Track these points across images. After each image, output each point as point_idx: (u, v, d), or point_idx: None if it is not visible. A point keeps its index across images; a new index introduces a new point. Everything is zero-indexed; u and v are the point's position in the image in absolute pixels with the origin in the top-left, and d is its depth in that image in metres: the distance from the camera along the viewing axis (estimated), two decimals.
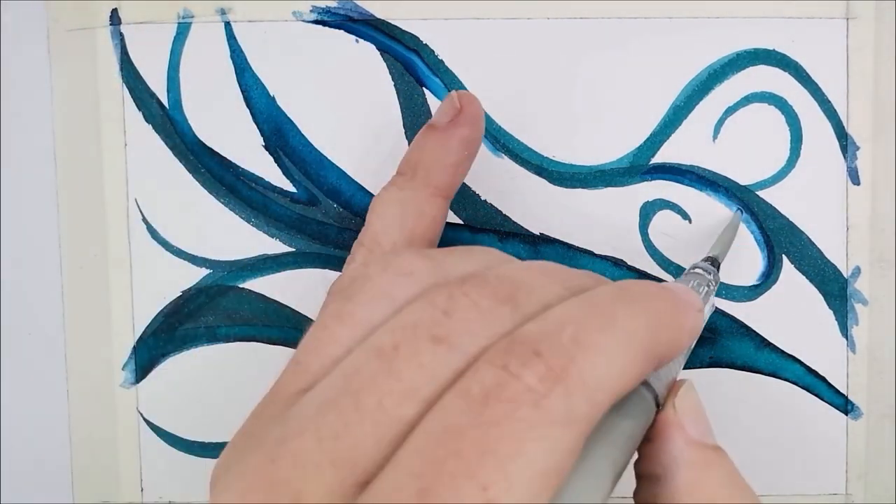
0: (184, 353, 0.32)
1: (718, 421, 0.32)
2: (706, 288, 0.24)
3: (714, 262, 0.27)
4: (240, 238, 0.32)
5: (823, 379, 0.32)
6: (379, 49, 0.31)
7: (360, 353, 0.17)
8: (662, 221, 0.32)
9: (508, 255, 0.22)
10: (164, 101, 0.31)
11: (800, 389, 0.32)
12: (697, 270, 0.26)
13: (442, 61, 0.31)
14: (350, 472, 0.15)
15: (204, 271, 0.32)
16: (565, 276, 0.19)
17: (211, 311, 0.32)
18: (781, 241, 0.31)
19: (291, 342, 0.32)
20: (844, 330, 0.31)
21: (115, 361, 0.32)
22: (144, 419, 0.32)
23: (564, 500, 0.16)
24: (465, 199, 0.31)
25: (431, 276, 0.19)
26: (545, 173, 0.31)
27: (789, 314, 0.31)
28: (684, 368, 0.32)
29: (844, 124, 0.31)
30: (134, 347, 0.32)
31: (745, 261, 0.32)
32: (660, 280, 0.31)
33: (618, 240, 0.31)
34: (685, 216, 0.31)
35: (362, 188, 0.31)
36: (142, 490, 0.32)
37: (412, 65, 0.31)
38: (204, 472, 0.32)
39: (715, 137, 0.31)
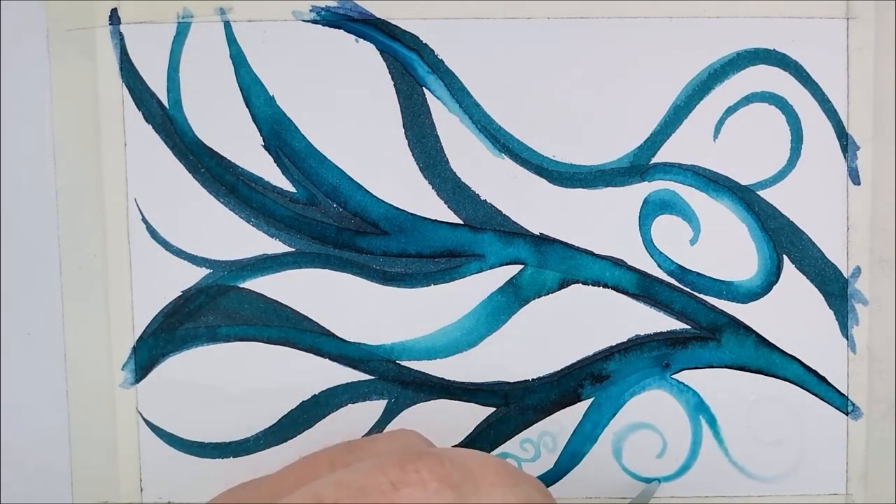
0: (184, 353, 0.32)
1: (719, 421, 0.32)
2: None
3: None
4: (240, 238, 0.32)
5: (823, 379, 0.32)
6: (379, 49, 0.31)
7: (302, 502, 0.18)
8: (663, 222, 0.32)
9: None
10: (164, 100, 0.31)
11: (800, 389, 0.32)
12: None
13: (442, 61, 0.31)
14: None
15: (204, 271, 0.32)
16: (515, 481, 0.19)
17: (211, 310, 0.32)
18: (782, 240, 0.31)
19: (291, 342, 0.32)
20: (845, 330, 0.31)
21: (115, 361, 0.32)
22: (144, 419, 0.32)
23: None
24: (464, 199, 0.31)
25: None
26: (545, 173, 0.31)
27: (790, 314, 0.31)
28: (686, 368, 0.32)
29: (845, 124, 0.31)
30: (134, 347, 0.32)
31: (745, 261, 0.32)
32: (659, 281, 0.31)
33: (618, 240, 0.32)
34: (686, 216, 0.31)
35: (362, 188, 0.31)
36: (141, 490, 0.32)
37: (412, 64, 0.31)
38: (203, 472, 0.32)
39: (715, 137, 0.31)
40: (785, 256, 0.31)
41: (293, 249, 0.32)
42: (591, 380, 0.32)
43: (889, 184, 0.31)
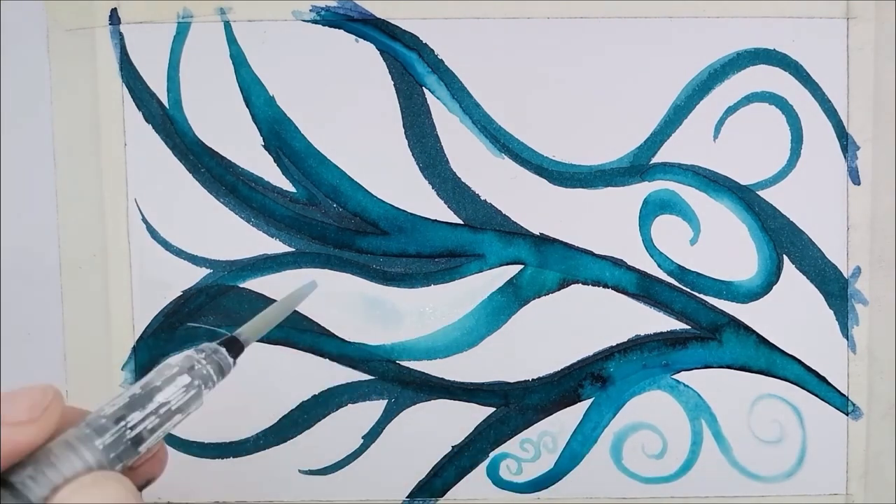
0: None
1: (719, 421, 0.32)
2: (178, 368, 0.22)
3: (231, 343, 0.24)
4: (240, 238, 0.32)
5: (824, 379, 0.32)
6: (379, 49, 0.31)
7: None
8: (663, 222, 0.32)
9: None
10: (164, 100, 0.31)
11: (800, 389, 0.32)
12: (192, 351, 0.23)
13: (442, 61, 0.31)
14: None
15: (204, 271, 0.32)
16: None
17: (211, 310, 0.32)
18: (782, 240, 0.31)
19: (291, 342, 0.32)
20: (845, 330, 0.31)
21: (115, 361, 0.32)
22: None
23: None
24: (464, 199, 0.31)
25: None
26: (545, 173, 0.31)
27: (790, 314, 0.31)
28: (686, 368, 0.32)
29: (844, 124, 0.31)
30: (134, 347, 0.32)
31: (745, 261, 0.32)
32: (659, 281, 0.31)
33: (618, 240, 0.31)
34: (686, 216, 0.31)
35: (362, 188, 0.31)
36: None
37: (412, 64, 0.31)
38: (203, 472, 0.32)
39: (715, 137, 0.31)
40: (785, 256, 0.31)
41: (293, 249, 0.32)
42: (591, 380, 0.32)
43: (889, 184, 0.31)
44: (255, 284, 0.32)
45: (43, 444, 0.18)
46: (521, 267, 0.32)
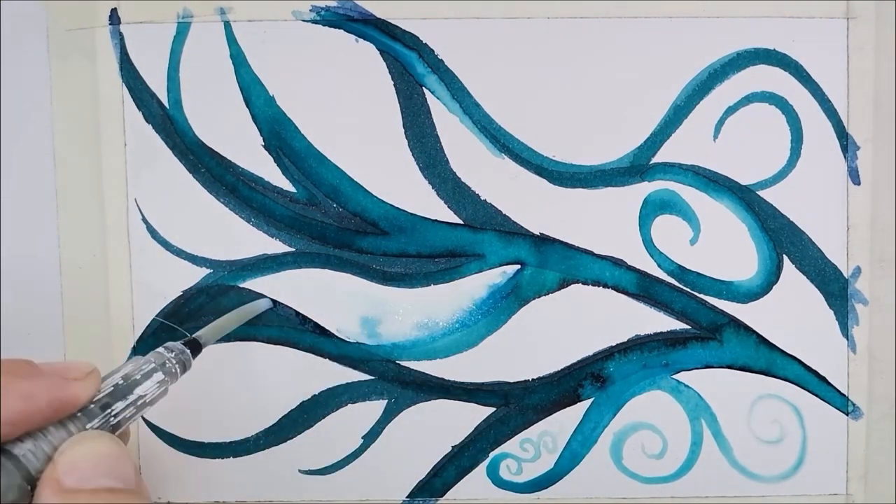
0: None
1: (719, 421, 0.32)
2: (154, 365, 0.24)
3: (193, 344, 0.26)
4: (240, 238, 0.32)
5: (824, 379, 0.32)
6: (379, 49, 0.31)
7: None
8: (663, 222, 0.32)
9: None
10: (164, 100, 0.31)
11: (800, 389, 0.32)
12: (162, 350, 0.25)
13: (442, 61, 0.31)
14: None
15: (204, 271, 0.32)
16: None
17: (211, 310, 0.32)
18: (782, 240, 0.31)
19: (291, 342, 0.32)
20: (845, 330, 0.31)
21: (115, 361, 0.32)
22: (144, 419, 0.32)
23: None
24: (464, 199, 0.31)
25: None
26: (545, 173, 0.31)
27: (790, 314, 0.31)
28: (686, 368, 0.32)
29: (845, 124, 0.31)
30: (134, 347, 0.32)
31: (745, 261, 0.32)
32: (659, 281, 0.31)
33: (618, 240, 0.32)
34: (686, 216, 0.31)
35: (362, 188, 0.31)
36: None
37: (412, 64, 0.31)
38: (203, 472, 0.32)
39: (715, 137, 0.31)
40: (785, 256, 0.31)
41: (293, 249, 0.32)
42: (591, 380, 0.32)
43: (889, 184, 0.31)
44: (255, 284, 0.32)
45: (56, 417, 0.21)
46: (521, 267, 0.32)
